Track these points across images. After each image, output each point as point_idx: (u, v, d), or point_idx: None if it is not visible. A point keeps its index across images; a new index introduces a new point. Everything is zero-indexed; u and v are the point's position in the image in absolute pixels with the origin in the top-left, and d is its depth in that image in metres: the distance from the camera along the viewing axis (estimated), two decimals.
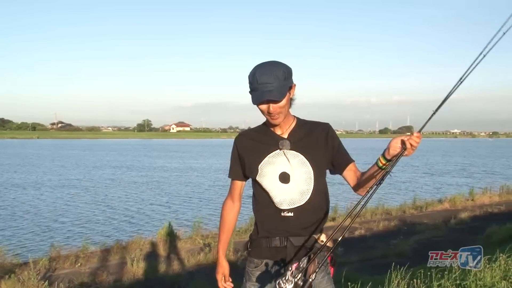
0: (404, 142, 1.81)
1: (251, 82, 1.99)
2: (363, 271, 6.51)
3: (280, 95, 1.95)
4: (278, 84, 1.94)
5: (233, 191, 2.25)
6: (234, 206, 2.26)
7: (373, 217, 12.90)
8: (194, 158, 44.82)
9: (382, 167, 1.90)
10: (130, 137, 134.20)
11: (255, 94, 1.98)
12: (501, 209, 13.78)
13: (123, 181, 25.06)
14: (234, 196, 2.25)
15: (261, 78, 1.94)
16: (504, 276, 4.08)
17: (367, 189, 2.01)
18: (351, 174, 2.10)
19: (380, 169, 1.91)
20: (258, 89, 1.95)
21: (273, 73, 1.94)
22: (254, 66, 2.00)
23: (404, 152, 1.81)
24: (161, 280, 7.31)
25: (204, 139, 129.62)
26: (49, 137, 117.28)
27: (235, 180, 2.23)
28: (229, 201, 2.27)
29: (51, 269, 7.85)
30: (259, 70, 1.96)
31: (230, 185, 2.27)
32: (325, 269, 2.09)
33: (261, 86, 1.94)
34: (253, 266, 2.09)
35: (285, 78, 1.97)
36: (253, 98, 1.99)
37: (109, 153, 52.98)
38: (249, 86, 2.02)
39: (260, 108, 2.03)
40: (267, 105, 1.99)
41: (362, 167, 2.14)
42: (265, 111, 2.02)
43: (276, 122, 2.05)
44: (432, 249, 7.99)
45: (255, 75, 1.96)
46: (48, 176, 27.01)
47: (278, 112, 2.00)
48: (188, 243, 9.73)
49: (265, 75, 1.94)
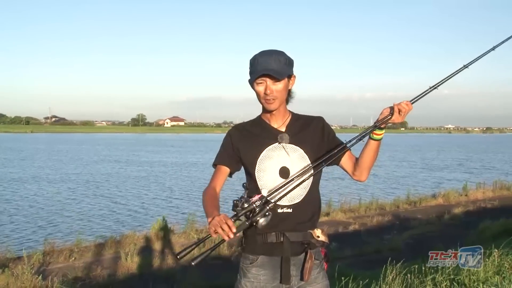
0: (392, 108, 1.93)
1: (252, 63, 2.00)
2: (357, 266, 6.54)
3: (279, 74, 1.95)
4: (279, 65, 1.96)
5: (215, 179, 2.08)
6: (215, 191, 2.06)
7: (367, 212, 12.95)
8: (190, 153, 44.73)
9: (377, 138, 1.98)
10: (124, 131, 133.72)
11: (254, 71, 1.98)
12: (495, 204, 13.86)
13: (118, 175, 25.00)
14: (214, 185, 2.07)
15: (263, 58, 1.97)
16: (497, 271, 4.10)
17: (367, 169, 2.06)
18: (348, 161, 2.09)
19: (375, 141, 1.99)
20: (257, 67, 1.96)
21: (274, 55, 1.98)
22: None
23: (392, 117, 1.92)
24: (155, 275, 7.31)
25: (199, 133, 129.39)
26: (43, 131, 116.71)
27: (222, 166, 2.10)
28: (208, 188, 2.07)
29: (45, 263, 7.83)
30: (260, 53, 2.00)
31: (212, 175, 2.12)
32: (320, 264, 2.07)
33: (260, 65, 1.96)
34: (248, 262, 2.05)
35: (285, 64, 1.99)
36: (252, 76, 1.98)
37: (105, 148, 52.79)
38: (249, 70, 2.02)
39: (257, 89, 2.00)
40: (265, 86, 1.98)
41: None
42: (261, 93, 2.00)
43: (271, 107, 2.01)
44: (426, 244, 8.08)
45: (256, 57, 1.99)
46: (43, 170, 26.89)
47: (275, 95, 1.98)
48: (182, 237, 9.72)
49: (266, 56, 1.98)
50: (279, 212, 1.99)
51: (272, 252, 2.02)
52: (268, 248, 2.02)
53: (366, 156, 2.02)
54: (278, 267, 2.01)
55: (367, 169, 2.06)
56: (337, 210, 12.82)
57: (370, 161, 2.03)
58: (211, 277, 6.68)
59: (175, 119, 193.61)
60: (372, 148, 2.00)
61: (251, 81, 2.00)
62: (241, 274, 2.07)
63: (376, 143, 1.99)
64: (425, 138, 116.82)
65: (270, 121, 2.10)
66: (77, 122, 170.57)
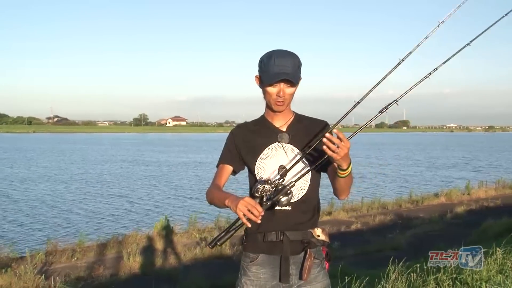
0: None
1: (266, 63, 1.99)
2: (359, 265, 6.52)
3: (295, 79, 1.99)
4: (294, 69, 1.98)
5: (218, 177, 2.13)
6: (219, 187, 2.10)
7: (369, 211, 12.94)
8: (195, 153, 44.76)
9: (343, 176, 1.89)
10: (126, 131, 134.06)
11: (270, 73, 1.97)
12: (497, 203, 13.80)
13: (121, 175, 25.03)
14: (218, 183, 2.11)
15: (279, 60, 1.97)
16: (500, 269, 4.10)
17: (344, 194, 2.02)
18: (332, 172, 2.01)
19: (343, 178, 1.90)
20: (274, 69, 1.96)
21: (291, 58, 1.99)
22: (269, 51, 2.02)
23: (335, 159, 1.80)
24: (158, 274, 7.31)
25: (201, 133, 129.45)
26: (45, 131, 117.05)
27: (225, 165, 2.14)
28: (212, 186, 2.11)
29: (48, 263, 7.84)
30: (277, 53, 1.99)
31: (215, 174, 2.16)
32: (321, 263, 2.08)
33: (278, 67, 1.96)
34: (248, 260, 2.07)
35: (298, 67, 2.02)
36: (268, 77, 1.98)
37: (110, 148, 52.93)
38: (261, 68, 2.02)
39: (270, 90, 2.01)
40: (279, 88, 1.99)
41: (365, 161, 2.13)
42: (273, 95, 2.01)
43: (280, 108, 2.04)
44: (428, 243, 8.06)
45: (272, 57, 1.98)
46: (44, 170, 26.97)
47: (287, 98, 2.02)
48: (185, 237, 9.73)
49: (284, 58, 1.98)
50: (277, 210, 2.00)
51: (272, 250, 2.03)
52: (268, 247, 2.03)
53: (338, 186, 1.98)
54: (278, 265, 2.02)
55: (343, 194, 2.03)
56: (339, 209, 12.79)
57: (344, 189, 2.00)
58: (213, 276, 6.68)
59: (176, 118, 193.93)
60: (341, 182, 1.94)
61: (266, 82, 1.99)
62: (242, 272, 2.09)
63: (343, 179, 1.92)
64: (427, 137, 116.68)
65: (273, 120, 2.11)
66: (79, 122, 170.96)
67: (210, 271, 7.00)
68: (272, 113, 2.10)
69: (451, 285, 3.93)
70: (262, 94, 2.10)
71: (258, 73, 2.06)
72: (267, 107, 2.12)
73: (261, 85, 2.06)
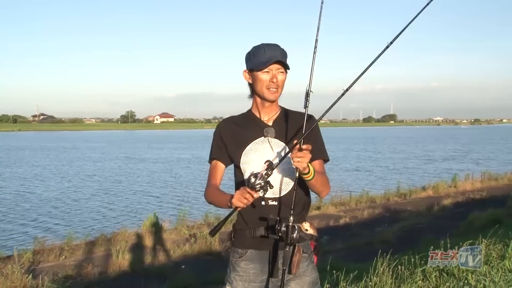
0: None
1: (256, 52, 2.03)
2: (348, 258, 6.56)
3: (287, 65, 2.03)
4: (283, 57, 2.03)
5: (213, 176, 2.14)
6: (217, 187, 2.13)
7: (358, 205, 13.01)
8: (184, 149, 44.60)
9: (309, 179, 1.93)
10: (114, 128, 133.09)
11: (262, 59, 2.00)
12: (483, 195, 13.98)
13: (108, 172, 24.86)
14: (214, 183, 2.13)
15: (269, 48, 2.02)
16: (485, 260, 4.15)
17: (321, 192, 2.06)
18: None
19: (310, 181, 1.94)
20: (266, 55, 2.00)
21: (279, 47, 2.05)
22: (256, 45, 2.07)
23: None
24: (147, 272, 7.29)
25: (189, 129, 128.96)
26: (31, 129, 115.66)
27: (217, 161, 2.14)
28: (209, 187, 2.14)
29: (35, 262, 7.76)
30: (265, 44, 2.05)
31: (209, 172, 2.16)
32: (309, 257, 2.09)
33: (269, 53, 2.00)
34: (237, 256, 2.07)
35: (286, 56, 2.06)
36: (260, 63, 2.00)
37: (97, 145, 52.48)
38: (250, 59, 2.05)
39: (263, 77, 2.02)
40: (272, 74, 2.01)
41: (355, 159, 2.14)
42: (267, 81, 2.02)
43: (273, 96, 2.05)
44: (416, 235, 8.13)
45: (261, 47, 2.03)
46: (31, 169, 26.70)
47: (280, 84, 2.04)
48: (174, 234, 9.70)
49: (272, 46, 2.04)
50: (263, 205, 2.01)
51: (261, 246, 2.04)
52: (257, 242, 2.04)
53: (312, 187, 2.02)
54: (267, 260, 2.03)
55: (322, 193, 2.07)
56: (328, 203, 12.83)
57: (318, 189, 2.04)
58: (202, 272, 6.68)
59: (164, 115, 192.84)
60: (311, 183, 1.97)
61: (259, 67, 2.00)
62: (231, 268, 2.10)
63: (312, 181, 1.95)
64: (415, 131, 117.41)
65: (260, 114, 2.11)
66: (65, 120, 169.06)
67: (199, 268, 7.00)
68: (259, 107, 2.10)
69: (438, 276, 3.99)
70: (249, 91, 2.11)
71: (247, 66, 2.07)
72: (255, 101, 2.12)
73: (251, 76, 2.06)
